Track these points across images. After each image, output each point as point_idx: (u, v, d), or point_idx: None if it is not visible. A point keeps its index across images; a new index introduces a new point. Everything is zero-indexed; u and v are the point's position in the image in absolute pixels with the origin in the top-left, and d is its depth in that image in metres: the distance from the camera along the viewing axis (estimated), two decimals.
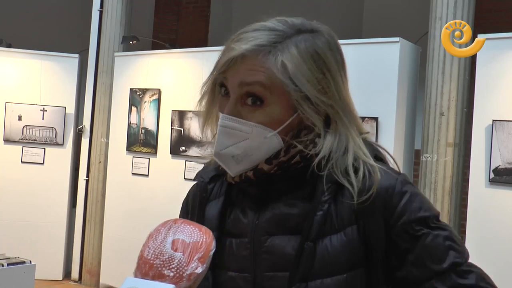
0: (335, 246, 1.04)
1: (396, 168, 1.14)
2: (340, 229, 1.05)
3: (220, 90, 1.12)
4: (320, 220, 1.05)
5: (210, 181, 1.22)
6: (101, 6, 6.39)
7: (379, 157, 1.14)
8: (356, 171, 1.07)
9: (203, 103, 1.16)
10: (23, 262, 4.30)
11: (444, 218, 4.32)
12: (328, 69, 1.08)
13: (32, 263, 4.34)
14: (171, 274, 0.98)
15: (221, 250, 1.13)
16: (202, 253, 1.00)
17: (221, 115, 1.08)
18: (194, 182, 1.27)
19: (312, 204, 1.08)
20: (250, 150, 1.08)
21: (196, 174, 1.26)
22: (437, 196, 4.35)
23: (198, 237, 1.02)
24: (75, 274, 6.41)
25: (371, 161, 1.09)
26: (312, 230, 1.05)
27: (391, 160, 1.16)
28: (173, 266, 0.98)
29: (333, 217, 1.06)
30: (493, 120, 3.95)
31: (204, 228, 1.06)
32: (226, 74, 1.08)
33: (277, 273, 1.08)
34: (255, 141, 1.08)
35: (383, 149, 1.16)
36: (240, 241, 1.13)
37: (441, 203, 4.34)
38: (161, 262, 0.99)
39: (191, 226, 1.05)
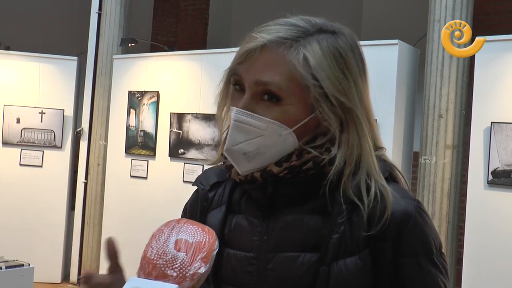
0: (350, 271, 1.01)
1: (407, 188, 1.11)
2: (355, 252, 1.02)
3: (234, 86, 1.08)
4: (336, 243, 1.01)
5: (211, 189, 1.16)
6: (100, 8, 6.39)
7: (393, 176, 1.10)
8: (368, 188, 1.03)
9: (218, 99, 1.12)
10: (22, 265, 4.30)
11: (443, 221, 4.32)
12: (349, 70, 1.06)
13: (31, 266, 4.34)
14: (174, 274, 0.98)
15: (220, 262, 1.09)
16: (205, 253, 1.00)
17: (235, 109, 1.04)
18: (193, 187, 1.21)
19: (322, 218, 1.05)
20: (263, 147, 1.04)
21: (196, 179, 1.20)
22: (436, 198, 4.35)
23: (201, 237, 1.02)
24: (73, 277, 6.39)
25: (383, 182, 1.05)
26: (328, 254, 1.01)
27: (402, 180, 1.12)
28: (176, 266, 0.98)
29: (347, 239, 1.02)
30: (492, 122, 3.95)
31: (207, 228, 1.06)
32: (243, 68, 1.04)
33: None
34: (269, 139, 1.03)
35: (396, 168, 1.11)
36: (244, 255, 1.08)
37: (439, 205, 4.34)
38: (164, 262, 0.99)
39: (194, 226, 1.05)
